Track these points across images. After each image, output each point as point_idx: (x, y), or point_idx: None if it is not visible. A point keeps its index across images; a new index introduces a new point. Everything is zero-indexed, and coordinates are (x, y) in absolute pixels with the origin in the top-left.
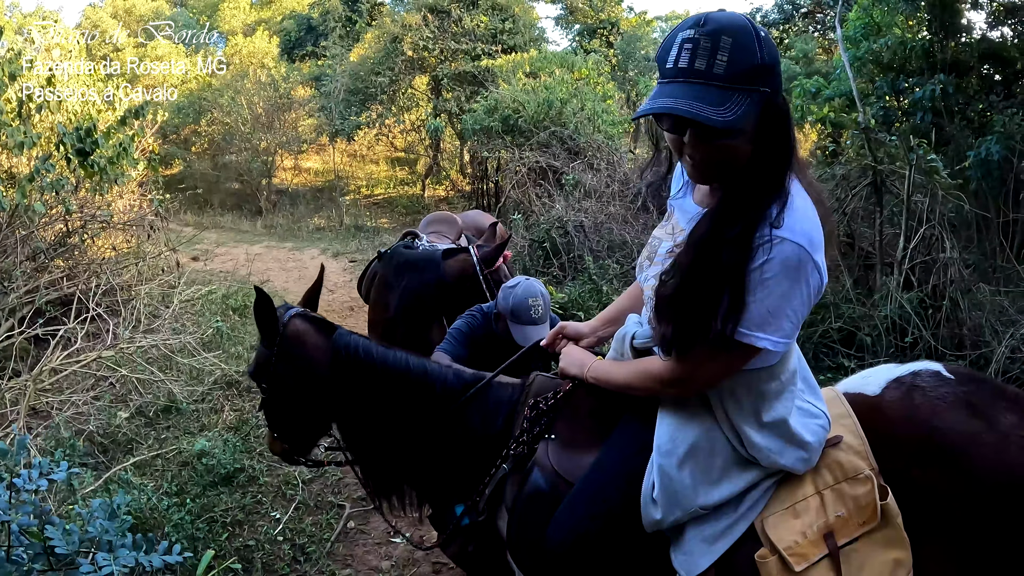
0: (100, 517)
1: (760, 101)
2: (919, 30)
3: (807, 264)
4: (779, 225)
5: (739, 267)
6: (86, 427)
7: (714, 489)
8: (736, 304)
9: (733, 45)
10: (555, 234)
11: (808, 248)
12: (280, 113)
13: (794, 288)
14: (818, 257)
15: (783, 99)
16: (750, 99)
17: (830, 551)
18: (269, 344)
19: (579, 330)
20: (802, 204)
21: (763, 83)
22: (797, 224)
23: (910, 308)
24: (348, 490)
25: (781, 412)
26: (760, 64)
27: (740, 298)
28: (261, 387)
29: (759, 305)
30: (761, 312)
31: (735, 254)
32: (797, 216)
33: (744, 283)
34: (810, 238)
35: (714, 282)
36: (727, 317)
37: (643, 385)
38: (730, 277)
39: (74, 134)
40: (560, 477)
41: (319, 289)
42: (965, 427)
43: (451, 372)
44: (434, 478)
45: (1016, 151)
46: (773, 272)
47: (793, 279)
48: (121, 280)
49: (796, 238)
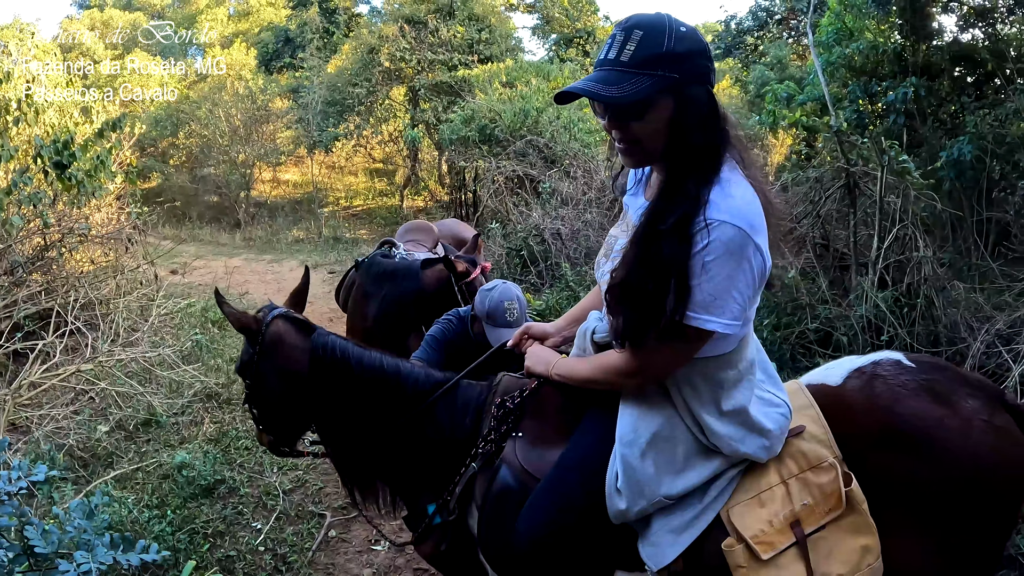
0: (78, 517)
1: (663, 85)
2: (891, 34)
3: (748, 246)
4: (718, 210)
5: (679, 257)
6: (66, 441)
7: (678, 479)
8: (682, 291)
9: (642, 37)
10: (532, 242)
11: (748, 231)
12: (258, 125)
13: (737, 270)
14: (759, 240)
15: (705, 91)
16: (651, 81)
17: (797, 539)
18: (252, 343)
19: (544, 330)
20: (742, 192)
21: (668, 69)
22: (737, 208)
23: (885, 307)
24: (329, 499)
25: (740, 400)
26: (664, 52)
27: (685, 285)
28: (246, 384)
29: (704, 288)
30: (706, 295)
31: (673, 244)
32: (736, 202)
33: (687, 270)
34: (750, 222)
35: (657, 273)
36: (675, 304)
37: (604, 379)
38: (672, 267)
39: (51, 147)
40: (528, 474)
41: (306, 289)
42: (928, 413)
43: (422, 372)
44: (406, 476)
45: (988, 151)
46: (715, 255)
47: (735, 261)
48: (99, 294)
49: (736, 221)
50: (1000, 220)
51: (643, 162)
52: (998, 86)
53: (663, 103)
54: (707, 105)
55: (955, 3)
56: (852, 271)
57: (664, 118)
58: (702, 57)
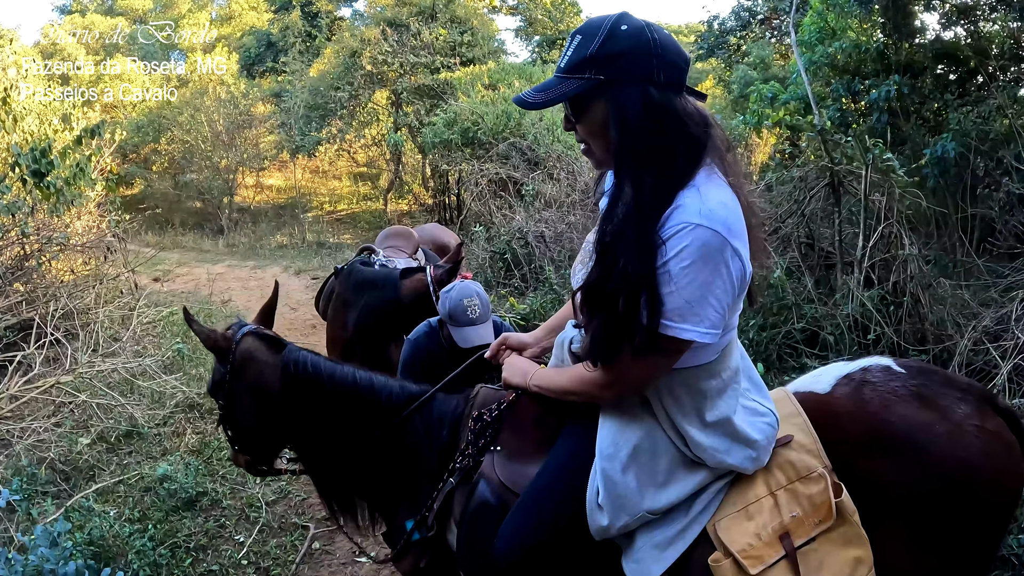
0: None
1: (587, 87)
2: (873, 33)
3: (724, 250)
4: (690, 213)
5: (643, 265)
6: (47, 454)
7: (661, 492)
8: (653, 300)
9: (579, 42)
10: (516, 245)
11: (725, 234)
12: (240, 130)
13: (714, 275)
14: (736, 244)
15: (641, 91)
16: (576, 84)
17: (787, 552)
18: (223, 362)
19: (523, 340)
20: (719, 195)
21: (596, 71)
22: (711, 212)
23: (871, 305)
24: (312, 511)
25: (724, 411)
26: (591, 55)
27: (655, 294)
28: (219, 404)
29: (679, 295)
30: (682, 303)
31: (631, 253)
32: (711, 204)
33: (654, 279)
34: (727, 225)
35: (621, 283)
36: (649, 314)
37: (582, 390)
38: (635, 277)
39: (29, 155)
40: (507, 489)
41: (275, 305)
42: (917, 419)
43: (397, 385)
44: (383, 491)
45: (971, 148)
46: (689, 260)
47: (712, 266)
48: (80, 303)
49: (711, 224)
50: (984, 217)
51: (600, 163)
52: (981, 83)
53: (596, 105)
54: (646, 104)
55: (937, 1)
56: (838, 270)
57: (599, 119)
58: (640, 55)
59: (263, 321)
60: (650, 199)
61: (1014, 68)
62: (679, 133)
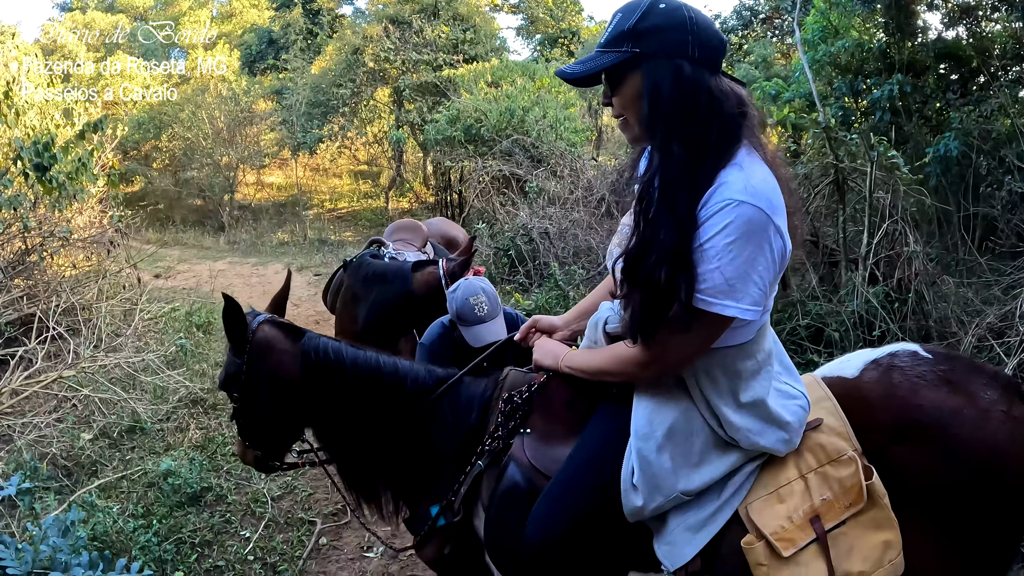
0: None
1: (621, 59)
2: (876, 32)
3: (768, 227)
4: (734, 190)
5: (682, 240)
6: (49, 450)
7: (695, 473)
8: (693, 274)
9: (618, 19)
10: (520, 242)
11: (768, 211)
12: (241, 127)
13: (758, 252)
14: (779, 221)
15: (674, 65)
16: (611, 57)
17: (817, 535)
18: (239, 353)
19: (552, 323)
20: (761, 172)
21: (631, 45)
22: (755, 188)
23: (876, 302)
24: (319, 506)
25: (759, 392)
26: (629, 29)
27: (693, 267)
28: (232, 397)
29: (722, 272)
30: (725, 279)
31: (670, 227)
32: (754, 181)
33: (693, 251)
34: (771, 202)
35: (663, 257)
36: (688, 289)
37: (618, 370)
38: (676, 250)
39: (32, 148)
40: (537, 471)
41: (287, 294)
42: (946, 404)
43: (422, 369)
44: (408, 477)
45: (974, 147)
46: (734, 236)
47: (756, 243)
48: (82, 298)
49: (754, 201)
50: (987, 216)
51: (636, 138)
52: (983, 83)
53: (631, 78)
54: (677, 78)
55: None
56: (842, 267)
57: (633, 92)
58: (675, 31)
59: (274, 310)
60: (681, 169)
61: (1016, 68)
62: (711, 110)
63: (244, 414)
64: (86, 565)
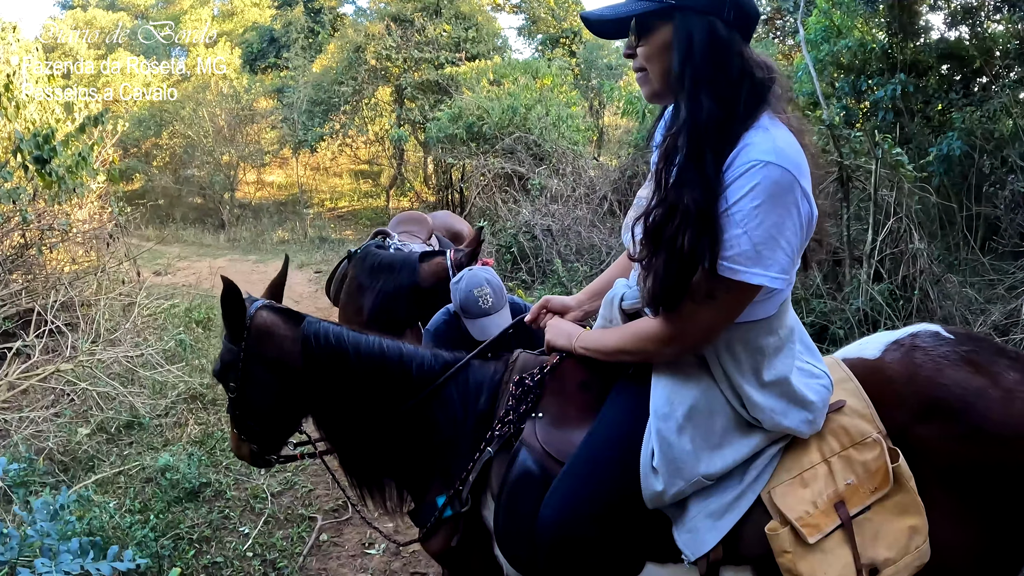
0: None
1: (654, 7)
2: (878, 32)
3: (795, 189)
4: (760, 151)
5: (708, 202)
6: (46, 444)
7: (716, 455)
8: (717, 238)
9: None
10: (522, 239)
11: (795, 172)
12: (242, 125)
13: (785, 216)
14: (805, 183)
15: (708, 22)
16: (643, 4)
17: (842, 521)
18: (235, 339)
19: (565, 303)
20: (785, 135)
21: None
22: (781, 150)
23: (881, 300)
24: (319, 502)
25: (782, 370)
26: None
27: (719, 230)
28: (228, 387)
29: (749, 237)
30: (752, 245)
31: (696, 188)
32: (780, 143)
33: (718, 212)
34: (796, 163)
35: (685, 219)
36: (712, 256)
37: (637, 348)
38: (700, 211)
39: (32, 141)
40: (550, 457)
41: (284, 280)
42: (970, 384)
43: (428, 353)
44: (414, 466)
45: (976, 147)
46: (760, 199)
47: (783, 206)
48: (80, 293)
49: (781, 162)
50: (989, 215)
51: (654, 93)
52: (985, 83)
53: (662, 29)
54: (711, 35)
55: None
56: (846, 264)
57: (661, 43)
58: None
59: (272, 296)
60: (710, 125)
61: (1019, 68)
62: (742, 72)
63: (241, 404)
64: (76, 552)
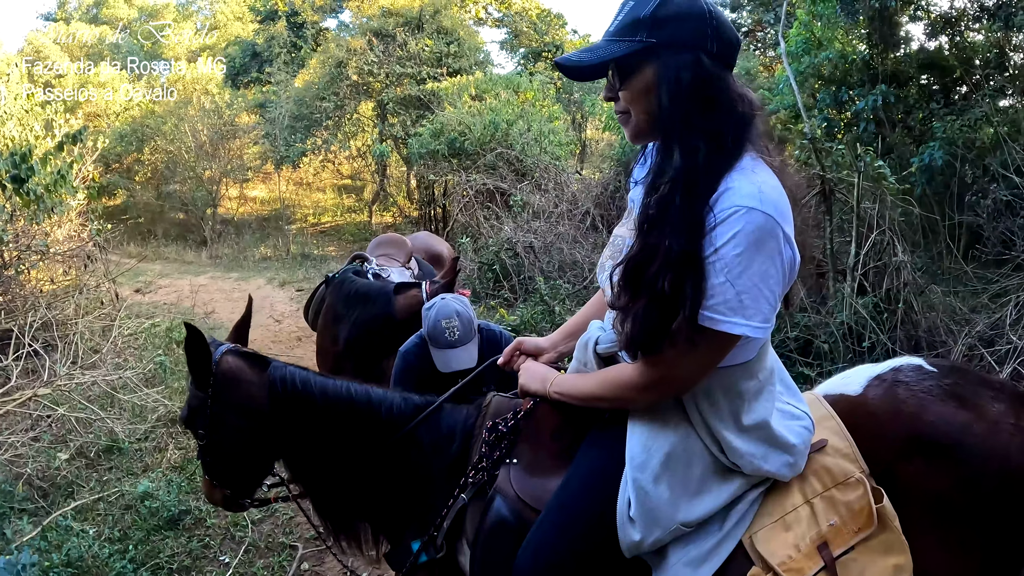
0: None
1: (634, 49)
2: (859, 43)
3: (777, 235)
4: (741, 196)
5: (690, 248)
6: (24, 470)
7: (695, 503)
8: (699, 284)
9: (631, 7)
10: (504, 256)
11: (777, 218)
12: (224, 141)
13: (769, 264)
14: (787, 229)
15: (694, 58)
16: (624, 46)
17: (826, 563)
18: (202, 386)
19: (538, 345)
20: (768, 178)
21: (646, 34)
22: (763, 194)
23: (865, 313)
24: (300, 530)
25: (762, 414)
26: (644, 17)
27: (701, 276)
28: (198, 433)
29: (732, 286)
30: (735, 294)
31: (679, 234)
32: (763, 187)
33: (703, 265)
34: (779, 209)
35: (666, 263)
36: (693, 303)
37: (613, 395)
38: (683, 256)
39: (9, 160)
40: (525, 504)
41: (248, 322)
42: (954, 418)
43: (398, 397)
44: (387, 510)
45: (958, 156)
46: (743, 246)
47: (767, 254)
48: (59, 314)
49: (763, 207)
50: (972, 224)
51: (639, 133)
52: (965, 92)
53: (645, 69)
54: (697, 71)
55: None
56: (830, 278)
57: (645, 84)
58: (695, 21)
59: (237, 339)
60: (700, 166)
61: (998, 77)
62: (729, 108)
63: (211, 451)
64: None
